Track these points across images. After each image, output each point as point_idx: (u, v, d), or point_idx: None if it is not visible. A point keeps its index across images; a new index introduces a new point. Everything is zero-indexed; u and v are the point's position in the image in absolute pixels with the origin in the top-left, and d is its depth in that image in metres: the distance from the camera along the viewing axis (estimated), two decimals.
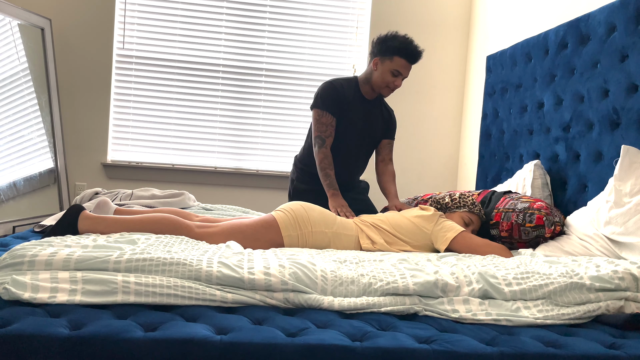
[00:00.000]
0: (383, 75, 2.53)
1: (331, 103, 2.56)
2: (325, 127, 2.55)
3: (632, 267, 1.50)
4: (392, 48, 2.48)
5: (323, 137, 2.55)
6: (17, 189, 3.29)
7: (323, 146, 2.54)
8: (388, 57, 2.50)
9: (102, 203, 2.14)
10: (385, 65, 2.51)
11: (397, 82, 2.54)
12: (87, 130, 3.86)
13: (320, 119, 2.56)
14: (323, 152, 2.54)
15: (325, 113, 2.56)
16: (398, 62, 2.50)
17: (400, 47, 2.47)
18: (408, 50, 2.48)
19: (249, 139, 4.03)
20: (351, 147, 2.64)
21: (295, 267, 1.45)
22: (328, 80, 2.64)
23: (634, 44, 2.15)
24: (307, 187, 2.68)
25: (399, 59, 2.49)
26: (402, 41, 2.48)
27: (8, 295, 1.26)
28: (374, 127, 2.68)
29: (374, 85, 2.59)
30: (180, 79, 3.94)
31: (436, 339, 1.23)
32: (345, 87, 2.61)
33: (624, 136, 2.17)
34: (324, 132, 2.55)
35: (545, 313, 1.41)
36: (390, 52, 2.49)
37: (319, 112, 2.57)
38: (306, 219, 2.07)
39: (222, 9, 3.95)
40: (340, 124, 2.60)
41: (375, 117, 2.69)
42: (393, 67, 2.50)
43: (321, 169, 2.53)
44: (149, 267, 1.39)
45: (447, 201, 2.31)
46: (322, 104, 2.57)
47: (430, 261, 1.74)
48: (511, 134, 3.09)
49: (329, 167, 2.53)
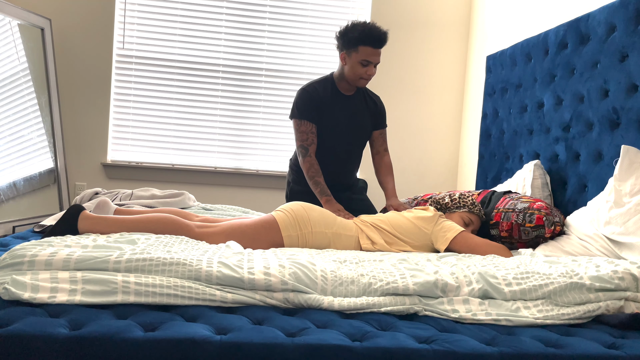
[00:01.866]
0: (353, 68, 2.46)
1: (307, 109, 2.51)
2: (306, 135, 2.51)
3: (632, 267, 1.50)
4: (354, 39, 2.40)
5: (305, 145, 2.50)
6: (17, 189, 3.29)
7: (307, 155, 2.50)
8: (353, 49, 2.43)
9: (102, 203, 2.14)
10: (353, 58, 2.44)
11: (369, 71, 2.46)
12: (87, 130, 3.86)
13: (299, 127, 2.52)
14: (308, 162, 2.49)
15: (303, 121, 2.51)
16: (364, 51, 2.41)
17: (362, 36, 2.39)
18: (371, 37, 2.39)
19: (249, 139, 4.03)
20: (340, 147, 2.61)
21: (295, 267, 1.45)
22: (301, 87, 2.58)
23: (634, 44, 2.15)
24: (303, 189, 2.65)
25: (364, 47, 2.40)
26: (362, 29, 2.39)
27: (8, 295, 1.26)
28: (360, 123, 2.63)
29: (348, 79, 2.52)
30: (180, 79, 3.94)
31: (436, 339, 1.23)
32: (320, 89, 2.56)
33: (624, 136, 2.17)
34: (305, 141, 2.51)
35: (545, 313, 1.41)
36: (354, 43, 2.41)
37: (297, 122, 2.53)
38: (306, 219, 2.07)
39: (222, 9, 3.95)
40: (324, 127, 2.55)
41: (360, 111, 2.63)
42: (360, 58, 2.43)
43: (309, 177, 2.49)
44: (148, 267, 1.39)
45: (446, 201, 2.31)
46: (298, 113, 2.52)
47: (430, 261, 1.74)
48: (511, 134, 3.09)
49: (317, 175, 2.49)
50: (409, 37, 4.09)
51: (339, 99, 2.58)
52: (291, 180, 2.75)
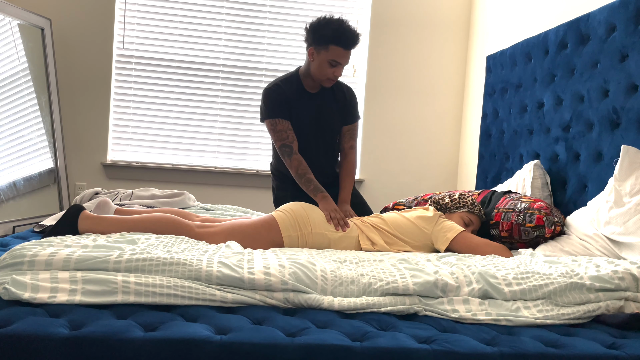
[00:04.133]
0: (321, 66, 2.34)
1: (277, 106, 2.38)
2: (285, 134, 2.37)
3: (632, 267, 1.50)
4: (326, 37, 2.28)
5: (287, 144, 2.36)
6: (17, 189, 3.29)
7: (293, 153, 2.35)
8: (323, 47, 2.30)
9: (102, 203, 2.14)
10: (322, 56, 2.32)
11: (336, 72, 2.35)
12: (87, 130, 3.86)
13: (275, 127, 2.38)
14: (296, 159, 2.35)
15: (277, 120, 2.38)
16: (334, 51, 2.30)
17: (335, 34, 2.27)
18: (344, 38, 2.28)
19: (249, 139, 4.03)
20: (309, 146, 2.46)
21: (295, 267, 1.45)
22: (266, 87, 2.46)
23: (634, 44, 2.15)
24: (287, 194, 2.53)
25: (335, 47, 2.29)
26: (337, 28, 2.28)
27: (8, 295, 1.26)
28: (326, 123, 2.49)
29: (313, 77, 2.40)
30: (180, 79, 3.94)
31: (436, 339, 1.23)
32: (284, 86, 2.42)
33: (624, 136, 2.17)
34: (286, 140, 2.36)
35: (545, 313, 1.41)
36: (325, 40, 2.29)
37: (271, 122, 2.39)
38: (306, 219, 2.07)
39: (222, 9, 3.95)
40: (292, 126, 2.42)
41: (326, 110, 2.49)
42: (330, 57, 2.30)
43: (300, 176, 2.34)
44: (149, 267, 1.39)
45: (446, 201, 2.31)
46: (270, 113, 2.39)
47: (430, 261, 1.74)
48: (511, 134, 3.09)
49: (307, 172, 2.34)
50: (409, 37, 4.09)
51: (304, 98, 2.45)
52: (275, 187, 2.66)
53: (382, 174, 4.12)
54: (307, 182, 2.33)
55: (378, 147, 4.11)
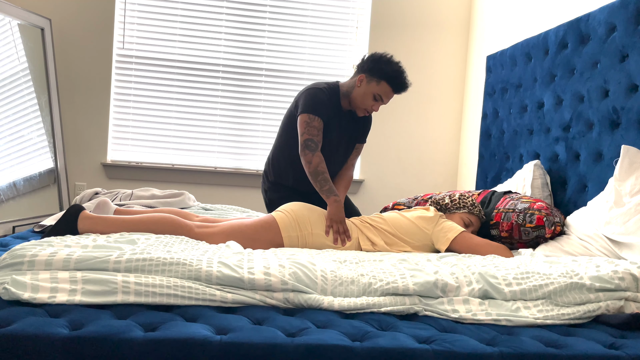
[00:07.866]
0: (365, 96, 2.41)
1: (323, 107, 2.42)
2: (317, 132, 2.39)
3: (632, 267, 1.50)
4: (383, 72, 2.36)
5: (316, 141, 2.38)
6: (17, 189, 3.29)
7: (317, 150, 2.37)
8: (376, 79, 2.38)
9: (102, 203, 2.14)
10: (371, 87, 2.39)
11: (375, 106, 2.44)
12: (87, 130, 3.86)
13: (312, 122, 2.40)
14: (319, 156, 2.35)
15: (317, 118, 2.40)
16: (384, 88, 2.38)
17: (392, 74, 2.36)
18: (398, 80, 2.37)
19: (249, 139, 4.03)
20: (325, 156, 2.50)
21: (295, 267, 1.45)
22: (316, 87, 2.49)
23: (634, 44, 2.15)
24: (281, 195, 2.57)
25: (386, 85, 2.37)
26: (396, 69, 2.37)
27: (8, 295, 1.26)
28: (351, 140, 2.59)
29: (352, 101, 2.47)
30: (180, 79, 3.94)
31: (436, 339, 1.23)
32: (328, 94, 2.48)
33: (624, 136, 2.17)
34: (316, 136, 2.38)
35: (545, 313, 1.41)
36: (380, 74, 2.37)
37: (311, 117, 2.41)
38: (306, 220, 2.07)
39: (222, 9, 3.95)
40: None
41: (352, 129, 2.58)
42: (377, 91, 2.38)
43: (318, 173, 2.32)
44: (148, 267, 1.39)
45: (446, 202, 2.31)
46: (313, 109, 2.41)
47: (430, 261, 1.74)
48: (511, 134, 3.09)
49: (326, 172, 2.35)
50: (409, 37, 4.09)
51: (338, 115, 2.52)
52: (267, 189, 2.66)
53: (382, 174, 4.12)
54: (324, 180, 2.33)
55: (378, 147, 4.11)
